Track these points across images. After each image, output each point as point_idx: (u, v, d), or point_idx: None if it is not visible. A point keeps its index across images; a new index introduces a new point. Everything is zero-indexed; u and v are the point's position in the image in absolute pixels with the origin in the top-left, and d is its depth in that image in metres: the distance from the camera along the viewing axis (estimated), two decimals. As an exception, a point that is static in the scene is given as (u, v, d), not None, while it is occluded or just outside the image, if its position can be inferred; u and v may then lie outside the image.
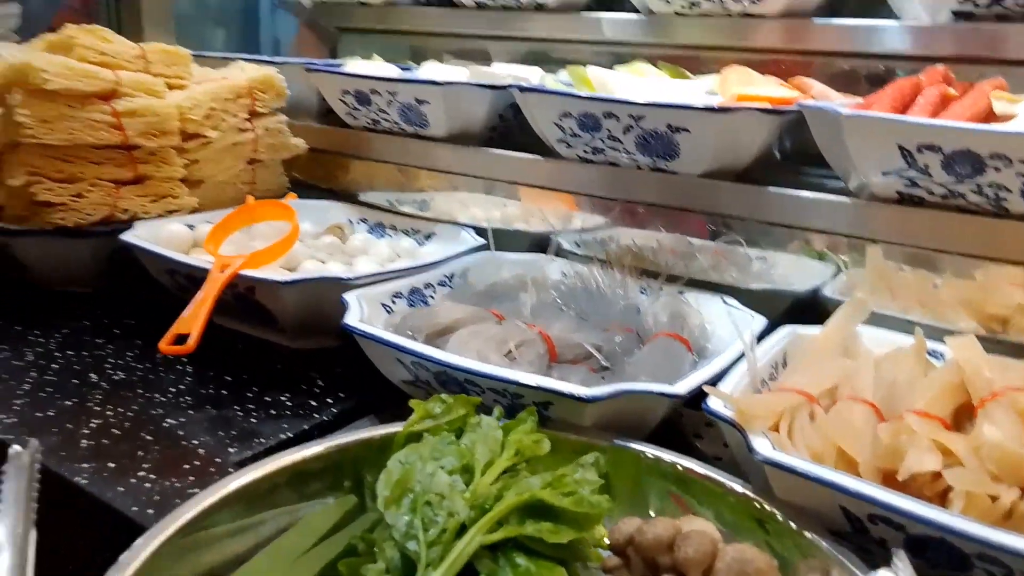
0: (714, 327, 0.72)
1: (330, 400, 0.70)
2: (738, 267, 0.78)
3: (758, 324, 0.69)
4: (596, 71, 0.88)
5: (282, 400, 0.70)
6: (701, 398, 0.54)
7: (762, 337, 0.66)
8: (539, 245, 0.88)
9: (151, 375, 0.73)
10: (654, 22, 0.99)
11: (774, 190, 0.74)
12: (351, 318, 0.66)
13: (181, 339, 0.67)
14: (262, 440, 0.63)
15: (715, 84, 0.87)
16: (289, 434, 0.64)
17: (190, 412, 0.67)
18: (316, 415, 0.68)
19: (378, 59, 1.12)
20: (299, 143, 1.04)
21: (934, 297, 0.68)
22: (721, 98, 0.84)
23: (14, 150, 0.83)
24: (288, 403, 0.69)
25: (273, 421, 0.66)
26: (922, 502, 0.44)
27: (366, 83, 0.95)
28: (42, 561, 0.41)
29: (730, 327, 0.69)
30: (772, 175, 0.78)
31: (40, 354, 0.76)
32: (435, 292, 0.79)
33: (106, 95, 0.85)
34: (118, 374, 0.73)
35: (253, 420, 0.66)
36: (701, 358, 0.68)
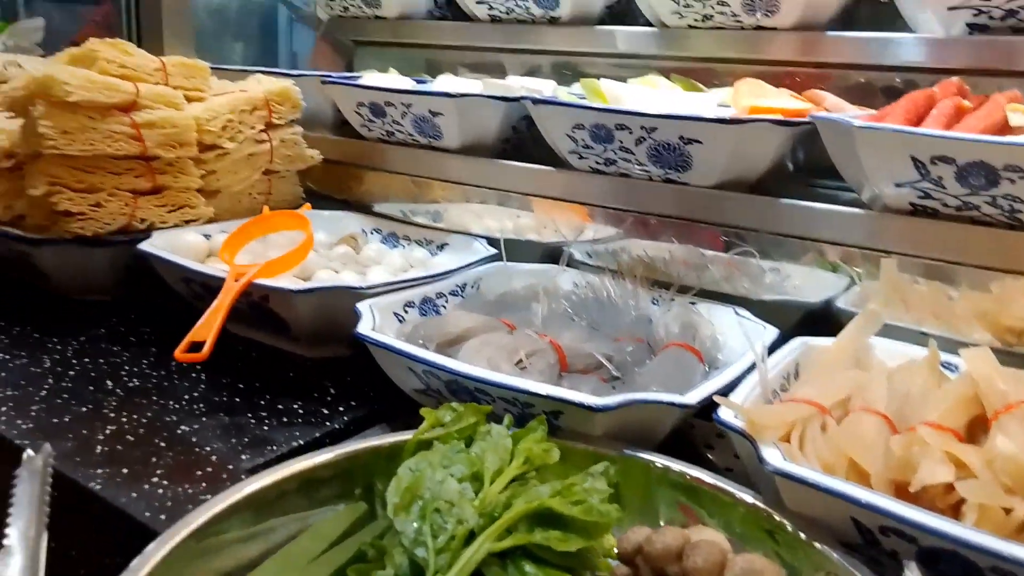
0: (725, 338, 0.72)
1: (342, 408, 0.71)
2: (751, 278, 0.78)
3: (770, 335, 0.69)
4: (609, 84, 0.88)
5: (294, 408, 0.70)
6: (712, 408, 0.54)
7: (774, 349, 0.65)
8: (551, 256, 0.88)
9: (166, 382, 0.73)
10: (667, 35, 0.99)
11: (787, 202, 0.74)
12: (363, 327, 0.67)
13: (196, 347, 0.68)
14: (274, 447, 0.63)
15: (728, 96, 0.87)
16: (301, 441, 0.64)
17: (203, 419, 0.67)
18: (328, 423, 0.68)
19: (394, 72, 1.13)
20: (314, 154, 1.05)
21: (948, 309, 0.67)
22: (734, 110, 0.84)
23: (36, 160, 0.84)
24: (300, 411, 0.70)
25: (285, 428, 0.66)
26: (934, 514, 0.43)
27: (381, 95, 0.96)
28: (55, 565, 0.41)
29: (742, 338, 0.68)
30: (785, 187, 0.78)
31: (57, 361, 0.76)
32: (447, 302, 0.80)
33: (126, 107, 0.86)
34: (133, 381, 0.73)
35: (265, 427, 0.66)
36: (712, 369, 0.68)
